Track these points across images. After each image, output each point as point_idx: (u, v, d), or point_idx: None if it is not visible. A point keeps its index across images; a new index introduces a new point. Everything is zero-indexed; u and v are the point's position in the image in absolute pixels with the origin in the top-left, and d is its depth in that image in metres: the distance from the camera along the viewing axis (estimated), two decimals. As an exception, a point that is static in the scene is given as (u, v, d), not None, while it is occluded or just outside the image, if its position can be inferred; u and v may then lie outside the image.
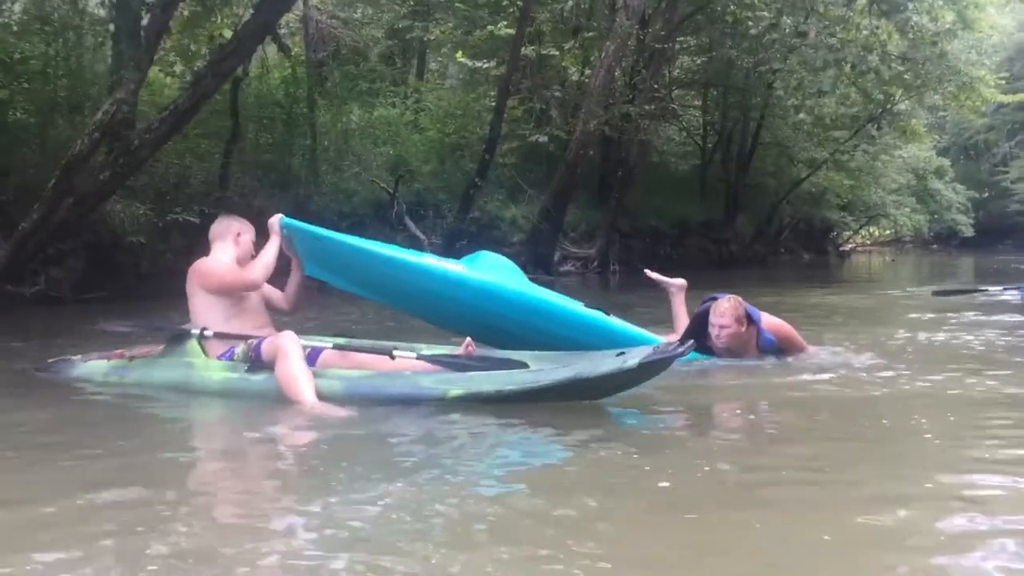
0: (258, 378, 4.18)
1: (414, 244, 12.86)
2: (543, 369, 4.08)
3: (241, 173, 11.27)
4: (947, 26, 16.45)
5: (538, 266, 14.13)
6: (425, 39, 16.44)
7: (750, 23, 15.33)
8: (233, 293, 4.40)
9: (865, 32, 15.44)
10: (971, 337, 6.08)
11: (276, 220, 4.52)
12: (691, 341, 4.18)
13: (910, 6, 15.18)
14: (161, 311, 7.38)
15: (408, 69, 19.31)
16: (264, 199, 11.19)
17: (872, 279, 19.66)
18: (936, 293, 9.41)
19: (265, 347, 4.19)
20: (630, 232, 17.85)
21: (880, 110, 19.57)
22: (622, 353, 4.01)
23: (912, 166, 27.57)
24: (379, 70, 17.06)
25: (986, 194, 36.43)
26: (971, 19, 18.59)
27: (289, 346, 4.10)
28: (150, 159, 8.04)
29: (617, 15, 14.18)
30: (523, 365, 4.18)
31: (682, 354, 3.96)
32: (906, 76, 16.76)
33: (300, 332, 4.35)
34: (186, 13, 8.65)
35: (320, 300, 8.36)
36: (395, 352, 4.27)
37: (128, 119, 7.09)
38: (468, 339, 4.34)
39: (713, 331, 4.84)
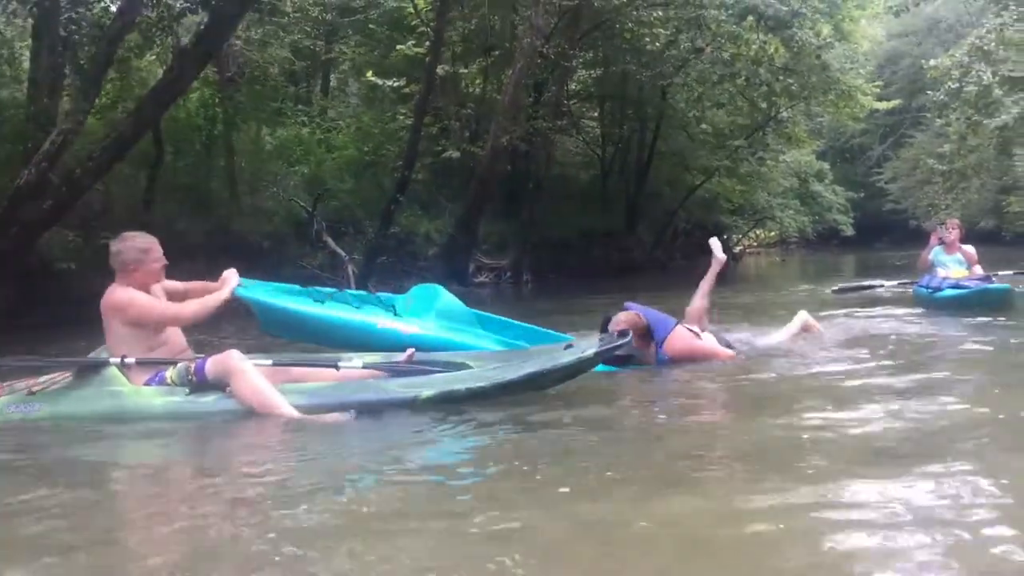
0: (207, 399, 4.14)
1: (335, 261, 13.07)
2: (506, 365, 4.38)
3: (162, 197, 11.27)
4: (826, 40, 17.59)
5: (453, 278, 14.49)
6: (338, 59, 16.56)
7: (647, 40, 16.08)
8: (148, 324, 4.29)
9: (755, 47, 16.40)
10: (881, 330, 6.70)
11: (232, 277, 4.52)
12: (630, 336, 4.74)
13: (795, 22, 16.22)
14: (92, 336, 7.44)
15: (312, 88, 19.43)
16: (186, 222, 11.23)
17: (767, 278, 20.78)
18: (836, 291, 9.86)
19: (210, 367, 4.15)
20: (539, 242, 18.37)
21: (767, 119, 20.66)
22: (569, 346, 4.55)
23: (795, 170, 28.95)
24: (283, 90, 17.12)
25: (862, 194, 38.40)
26: (847, 31, 19.91)
27: (243, 363, 4.11)
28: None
29: (523, 34, 14.68)
30: (466, 366, 4.42)
31: (622, 345, 4.53)
32: (793, 87, 17.86)
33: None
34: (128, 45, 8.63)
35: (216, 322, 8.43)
36: (340, 364, 4.34)
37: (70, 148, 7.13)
38: (411, 349, 4.50)
39: None
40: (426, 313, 4.98)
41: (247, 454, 3.80)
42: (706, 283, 6.05)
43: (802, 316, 6.26)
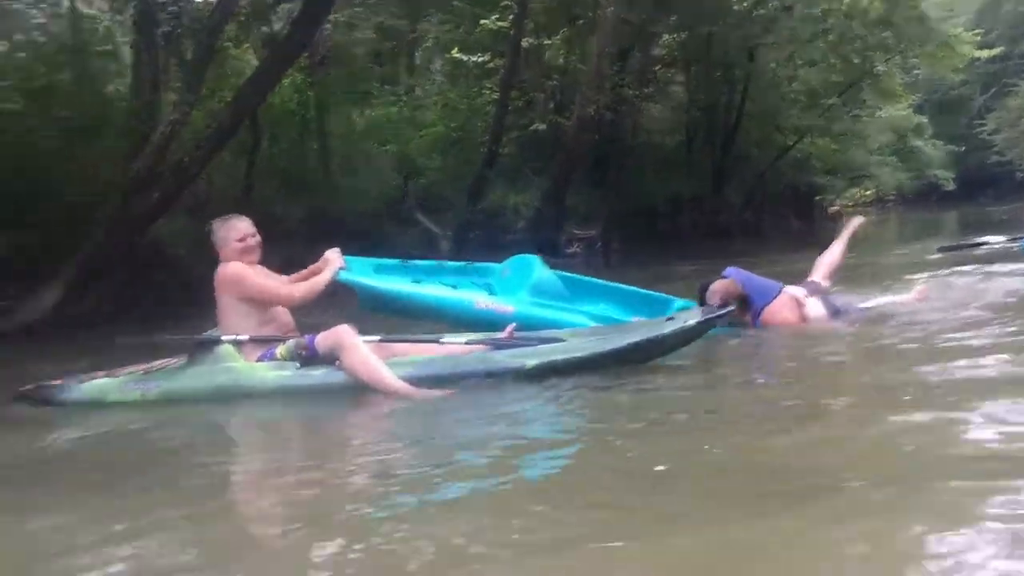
0: (318, 372, 4.26)
1: (428, 237, 13.32)
2: (606, 338, 4.46)
3: (260, 183, 11.64)
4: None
5: (544, 250, 14.57)
6: (423, 37, 16.75)
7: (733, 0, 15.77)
8: (259, 301, 4.44)
9: (847, 1, 15.91)
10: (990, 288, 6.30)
11: (335, 259, 4.68)
12: (732, 306, 4.78)
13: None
14: (202, 318, 7.79)
15: (396, 67, 19.67)
16: (284, 206, 11.59)
17: (868, 239, 20.22)
18: (941, 250, 9.40)
19: (321, 342, 4.26)
20: (627, 210, 18.30)
21: (862, 74, 20.02)
22: (670, 318, 4.60)
23: (892, 125, 28.08)
24: (369, 70, 17.39)
25: (963, 147, 36.98)
26: (943, -22, 19.07)
27: (353, 337, 4.22)
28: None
29: (605, 2, 14.58)
30: (561, 341, 4.49)
31: (724, 316, 4.59)
32: (888, 40, 17.25)
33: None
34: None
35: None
36: (442, 339, 4.47)
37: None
38: (512, 324, 4.58)
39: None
40: (521, 287, 5.06)
41: (356, 430, 3.92)
42: (836, 243, 5.93)
43: (918, 287, 6.02)
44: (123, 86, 10.89)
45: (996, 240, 9.13)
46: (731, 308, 4.75)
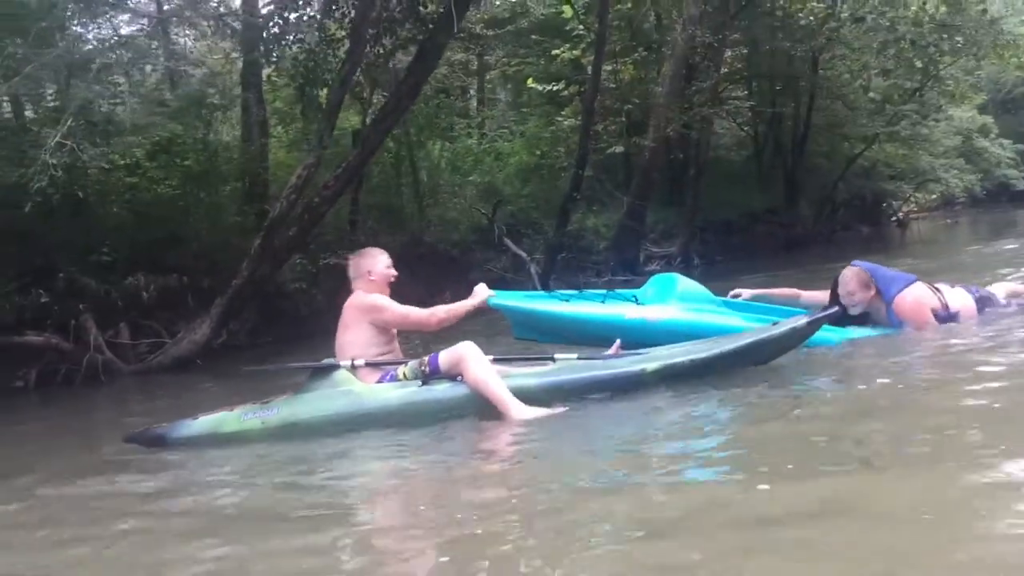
0: (440, 387, 4.32)
1: (518, 262, 13.75)
2: (718, 342, 4.60)
3: (362, 217, 12.24)
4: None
5: (625, 268, 14.99)
6: (496, 69, 17.31)
7: (800, 15, 16.04)
8: (396, 327, 4.61)
9: (914, 7, 16.06)
10: None
11: (483, 292, 4.81)
12: (837, 307, 5.04)
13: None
14: (319, 348, 8.29)
15: (467, 100, 20.30)
16: (385, 238, 12.16)
17: (944, 242, 20.22)
18: None
19: (443, 358, 4.36)
20: (703, 226, 18.56)
21: (928, 78, 20.03)
22: (776, 323, 4.73)
23: (957, 127, 27.83)
24: (449, 104, 18.00)
25: (1030, 146, 36.39)
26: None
27: (476, 352, 4.33)
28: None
29: (677, 24, 15.00)
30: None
31: (833, 315, 4.81)
32: (959, 44, 17.29)
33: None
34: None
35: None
36: (556, 356, 4.60)
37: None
38: (617, 340, 4.71)
39: (844, 301, 5.29)
40: (667, 299, 5.19)
41: (480, 450, 3.95)
42: None
43: None
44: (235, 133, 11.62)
45: None
46: (835, 310, 4.97)
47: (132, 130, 8.95)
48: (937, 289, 5.36)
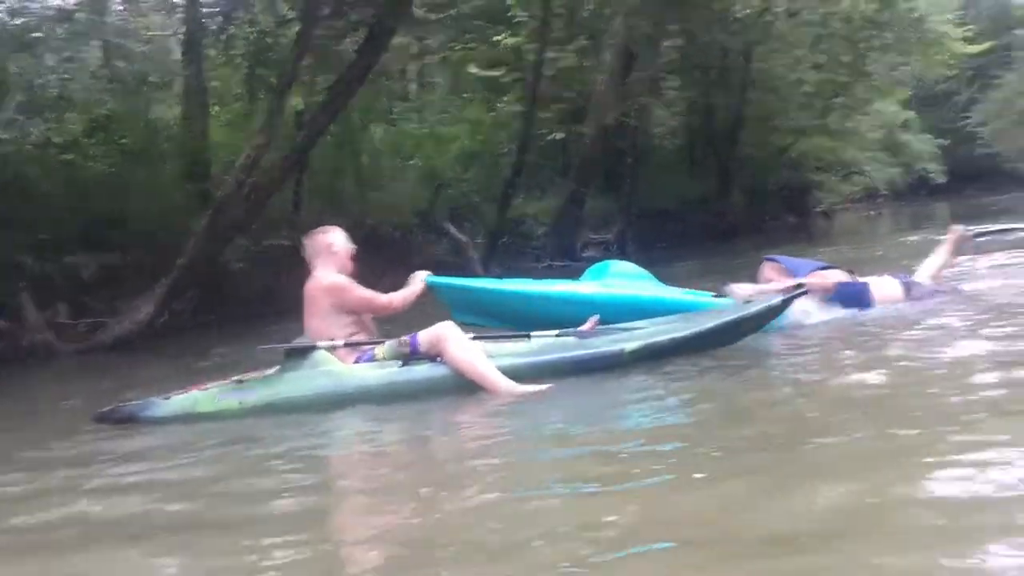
0: (421, 368, 4.34)
1: (458, 246, 13.84)
2: (693, 319, 4.78)
3: (306, 199, 12.16)
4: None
5: (564, 254, 15.20)
6: (443, 55, 17.29)
7: (737, 8, 16.38)
8: (357, 310, 4.53)
9: (845, 3, 16.54)
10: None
11: (421, 277, 4.87)
12: (804, 288, 5.31)
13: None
14: (263, 329, 8.26)
15: (405, 83, 20.21)
16: (328, 220, 12.10)
17: (867, 233, 20.93)
18: (975, 235, 9.80)
19: (424, 338, 4.36)
20: (639, 213, 18.85)
21: (856, 73, 20.63)
22: (748, 302, 5.01)
23: (882, 121, 28.67)
24: (387, 88, 17.90)
25: (949, 141, 37.67)
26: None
27: (457, 332, 4.35)
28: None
29: (617, 13, 15.19)
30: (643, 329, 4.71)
31: (801, 295, 5.07)
32: (888, 40, 17.86)
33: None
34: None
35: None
36: (532, 334, 4.59)
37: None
38: (595, 316, 4.74)
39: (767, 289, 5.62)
40: (602, 276, 5.40)
41: (463, 428, 3.98)
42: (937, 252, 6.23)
43: (952, 234, 6.35)
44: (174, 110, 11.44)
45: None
46: (804, 290, 5.27)
47: (68, 106, 8.78)
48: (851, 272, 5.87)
